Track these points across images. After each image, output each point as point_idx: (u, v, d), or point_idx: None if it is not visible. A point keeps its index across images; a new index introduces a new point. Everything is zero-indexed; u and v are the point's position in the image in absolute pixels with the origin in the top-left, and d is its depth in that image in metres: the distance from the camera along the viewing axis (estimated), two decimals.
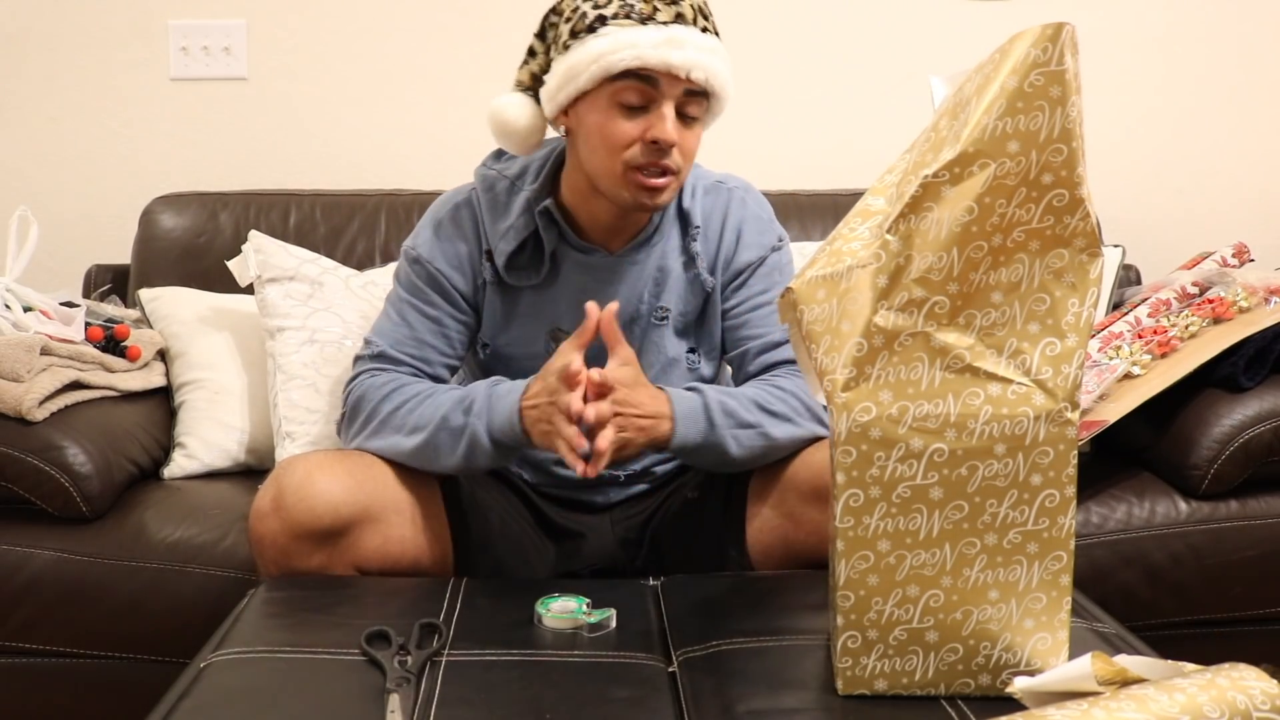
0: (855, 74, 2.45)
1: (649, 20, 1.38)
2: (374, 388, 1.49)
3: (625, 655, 1.18)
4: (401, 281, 1.57)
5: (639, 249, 1.55)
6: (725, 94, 1.43)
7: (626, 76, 1.39)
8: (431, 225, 1.57)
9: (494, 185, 1.55)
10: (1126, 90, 2.44)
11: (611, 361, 1.39)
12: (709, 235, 1.57)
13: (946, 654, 1.06)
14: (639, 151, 1.41)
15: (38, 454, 1.68)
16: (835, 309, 1.03)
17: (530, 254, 1.53)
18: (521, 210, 1.51)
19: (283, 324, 1.96)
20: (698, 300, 1.58)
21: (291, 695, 1.09)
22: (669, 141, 1.40)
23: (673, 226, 1.57)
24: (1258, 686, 0.90)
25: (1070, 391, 1.01)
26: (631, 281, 1.55)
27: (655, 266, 1.55)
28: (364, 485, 1.42)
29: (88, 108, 2.38)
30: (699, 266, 1.56)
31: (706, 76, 1.39)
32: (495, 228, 1.52)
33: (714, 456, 1.45)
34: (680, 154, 1.43)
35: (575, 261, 1.54)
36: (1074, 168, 0.98)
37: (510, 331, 1.56)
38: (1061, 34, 0.97)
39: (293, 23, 2.38)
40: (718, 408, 1.43)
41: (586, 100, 1.43)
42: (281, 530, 1.37)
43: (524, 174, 1.55)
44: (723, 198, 1.59)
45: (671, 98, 1.40)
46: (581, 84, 1.40)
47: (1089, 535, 1.75)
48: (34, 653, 1.69)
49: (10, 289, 1.90)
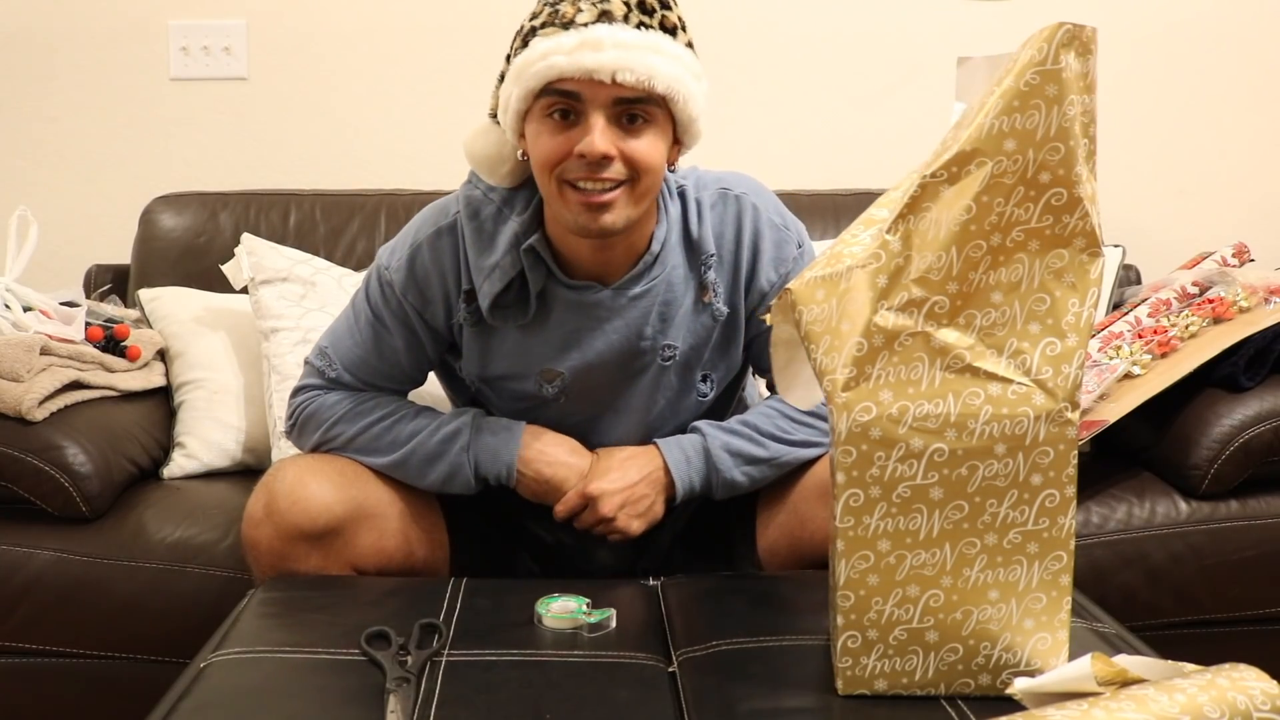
0: (855, 74, 2.45)
1: (570, 24, 1.25)
2: (325, 407, 1.47)
3: (625, 655, 1.18)
4: (370, 296, 1.46)
5: (637, 281, 1.40)
6: (678, 95, 1.27)
7: (548, 92, 1.26)
8: (409, 250, 1.43)
9: (479, 211, 1.40)
10: (1126, 90, 2.44)
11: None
12: (723, 257, 1.43)
13: (946, 654, 1.06)
14: (573, 166, 1.28)
15: (38, 454, 1.68)
16: (835, 309, 1.03)
17: (517, 293, 1.39)
18: (508, 246, 1.37)
19: (277, 325, 1.96)
20: (710, 329, 1.45)
21: (291, 695, 1.09)
22: (595, 154, 1.25)
23: (677, 253, 1.42)
24: (1258, 686, 0.90)
25: (1070, 391, 1.01)
26: (630, 319, 1.41)
27: (660, 301, 1.41)
28: (355, 484, 1.42)
29: (88, 108, 2.39)
30: (713, 297, 1.43)
31: (639, 78, 1.24)
32: (479, 264, 1.38)
33: (724, 492, 1.46)
34: (629, 165, 1.28)
35: (566, 301, 1.40)
36: (1072, 166, 0.98)
37: (494, 368, 1.46)
38: (1058, 33, 0.97)
39: (293, 23, 2.38)
40: (720, 449, 1.44)
41: (528, 120, 1.31)
42: (275, 535, 1.37)
43: (513, 200, 1.40)
44: (732, 209, 1.43)
45: (599, 106, 1.26)
46: (515, 105, 1.29)
47: (1089, 535, 1.75)
48: (34, 653, 1.69)
49: (10, 289, 1.90)
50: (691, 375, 1.48)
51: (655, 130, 1.30)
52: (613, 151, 1.27)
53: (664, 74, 1.26)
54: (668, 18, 1.29)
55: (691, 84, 1.29)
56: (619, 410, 1.48)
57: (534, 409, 1.48)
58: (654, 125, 1.30)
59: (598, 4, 1.25)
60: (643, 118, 1.28)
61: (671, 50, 1.27)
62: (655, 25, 1.27)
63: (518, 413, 1.49)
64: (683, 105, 1.30)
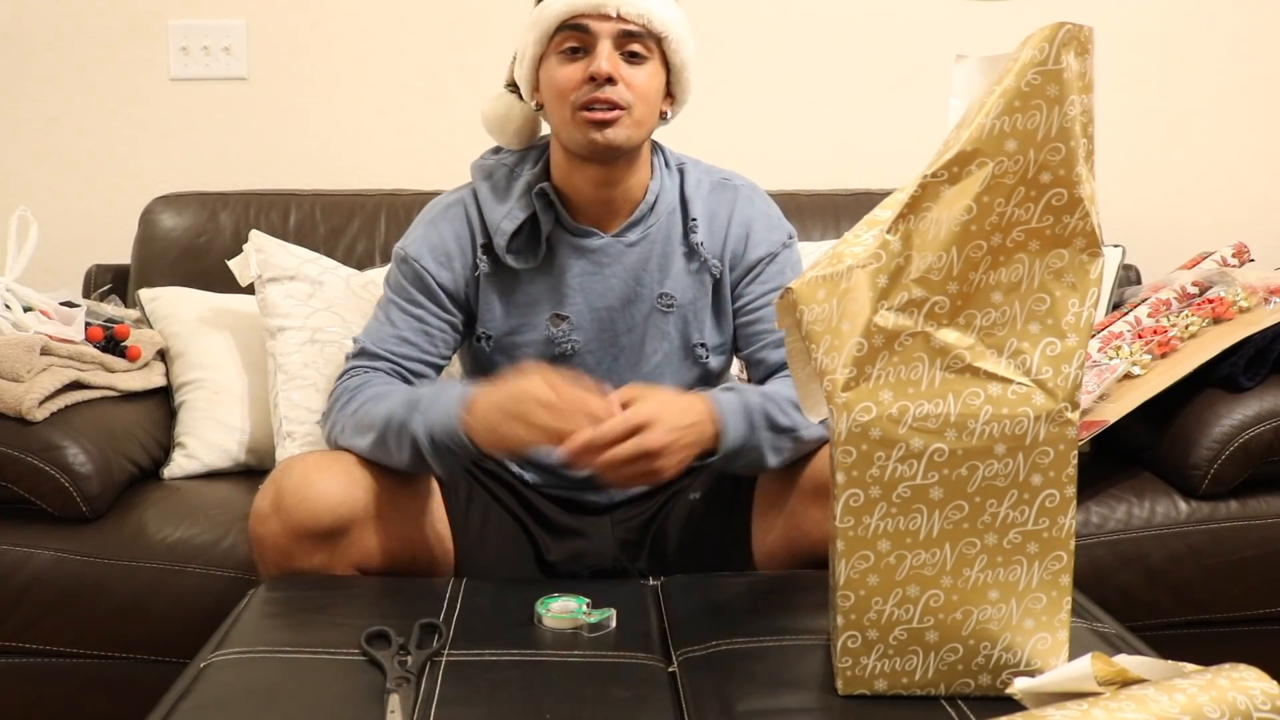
0: (855, 74, 2.45)
1: None
2: (347, 390, 1.50)
3: (625, 655, 1.18)
4: (390, 282, 1.59)
5: (634, 228, 1.56)
6: (671, 33, 1.48)
7: (563, 29, 1.47)
8: (422, 224, 1.59)
9: (493, 173, 1.58)
10: (1126, 90, 2.44)
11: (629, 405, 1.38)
12: (714, 231, 1.58)
13: (946, 654, 1.06)
14: (584, 91, 1.46)
15: (38, 454, 1.68)
16: (835, 309, 1.03)
17: (527, 237, 1.54)
18: (521, 193, 1.54)
19: (283, 324, 1.96)
20: (706, 293, 1.58)
21: (291, 695, 1.09)
22: (602, 73, 1.45)
23: (673, 215, 1.58)
24: (1258, 686, 0.90)
25: (1070, 391, 1.01)
26: (629, 264, 1.56)
27: (658, 253, 1.56)
28: (362, 484, 1.42)
29: (88, 108, 2.38)
30: (703, 259, 1.57)
31: (640, 12, 1.46)
32: (495, 212, 1.54)
33: (750, 460, 1.44)
34: (630, 90, 1.47)
35: (571, 245, 1.55)
36: (1072, 167, 0.98)
37: (510, 320, 1.57)
38: (1059, 33, 0.97)
39: (293, 23, 2.38)
40: (758, 411, 1.43)
41: (542, 66, 1.51)
42: (282, 531, 1.37)
43: (524, 160, 1.59)
44: (729, 195, 1.60)
45: (606, 36, 1.46)
46: (532, 50, 1.50)
47: (1089, 535, 1.75)
48: (34, 653, 1.69)
49: (10, 289, 1.90)
50: (688, 331, 1.59)
51: (651, 66, 1.50)
52: (616, 73, 1.46)
53: (660, 14, 1.48)
54: None
55: (683, 30, 1.51)
56: (619, 365, 1.57)
57: None
58: (651, 62, 1.50)
59: None
60: (642, 54, 1.48)
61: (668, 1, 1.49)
62: None
63: None
64: (676, 47, 1.50)
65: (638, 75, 1.48)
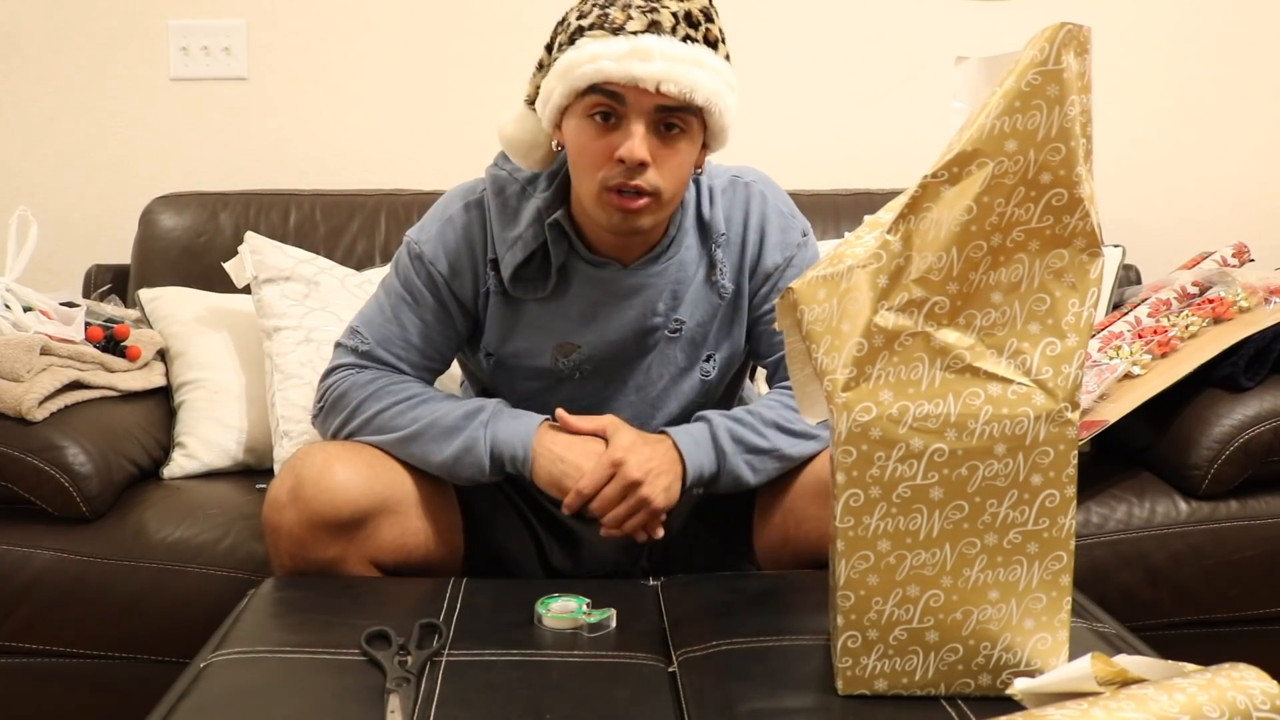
0: (855, 74, 2.45)
1: (620, 31, 1.31)
2: (357, 385, 1.47)
3: (625, 655, 1.18)
4: (400, 273, 1.51)
5: (654, 262, 1.48)
6: (715, 108, 1.34)
7: (594, 91, 1.33)
8: (439, 221, 1.50)
9: (504, 188, 1.47)
10: (1127, 90, 2.44)
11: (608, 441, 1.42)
12: (731, 239, 1.51)
13: (946, 654, 1.06)
14: (611, 171, 1.34)
15: (38, 454, 1.68)
16: (835, 309, 1.03)
17: (538, 266, 1.46)
18: (531, 220, 1.44)
19: (279, 324, 1.96)
20: (716, 307, 1.52)
21: (291, 695, 1.09)
22: (634, 160, 1.32)
23: (691, 235, 1.50)
24: (1258, 686, 0.90)
25: (1070, 391, 1.01)
26: (646, 295, 1.48)
27: (673, 279, 1.49)
28: (382, 477, 1.41)
29: (87, 108, 2.39)
30: (720, 274, 1.50)
31: (682, 90, 1.30)
32: (503, 235, 1.46)
33: (729, 483, 1.45)
34: (661, 175, 1.35)
35: (585, 275, 1.47)
36: (1073, 167, 0.98)
37: (515, 342, 1.51)
38: (1059, 34, 0.97)
39: (293, 23, 2.39)
40: (726, 436, 1.44)
41: (567, 115, 1.38)
42: (299, 521, 1.35)
43: (536, 179, 1.47)
44: (741, 194, 1.52)
45: (641, 113, 1.32)
46: (557, 100, 1.36)
47: (1089, 535, 1.75)
48: (34, 653, 1.69)
49: (10, 289, 1.90)
50: (696, 353, 1.53)
51: (688, 139, 1.37)
52: (650, 159, 1.33)
53: (704, 87, 1.32)
54: (711, 31, 1.35)
55: (727, 97, 1.36)
56: (625, 387, 1.53)
57: (548, 389, 1.51)
58: (688, 134, 1.36)
59: (648, 14, 1.31)
60: (679, 127, 1.35)
61: (713, 64, 1.34)
62: (699, 39, 1.33)
63: (532, 392, 1.51)
64: (717, 116, 1.36)
65: (674, 158, 1.36)
